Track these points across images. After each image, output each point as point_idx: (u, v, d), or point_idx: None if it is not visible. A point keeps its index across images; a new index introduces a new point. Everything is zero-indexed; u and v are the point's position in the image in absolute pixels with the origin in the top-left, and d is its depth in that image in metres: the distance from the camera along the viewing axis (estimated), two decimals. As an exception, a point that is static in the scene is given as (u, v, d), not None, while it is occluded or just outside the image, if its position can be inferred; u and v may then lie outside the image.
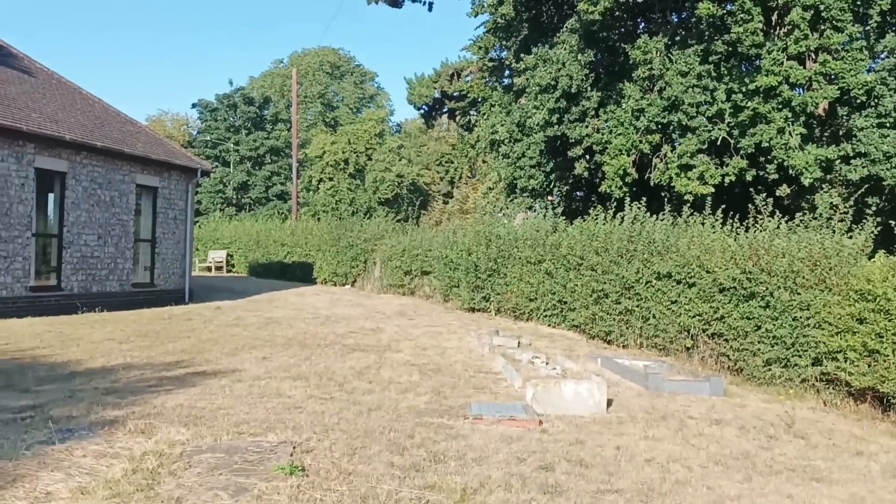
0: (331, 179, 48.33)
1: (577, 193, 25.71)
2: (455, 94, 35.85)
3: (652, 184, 19.91)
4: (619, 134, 19.58)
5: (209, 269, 34.55)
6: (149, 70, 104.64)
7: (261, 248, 32.60)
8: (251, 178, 50.97)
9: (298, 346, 12.67)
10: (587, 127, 20.75)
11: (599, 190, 20.66)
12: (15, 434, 6.27)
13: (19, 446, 5.90)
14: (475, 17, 28.31)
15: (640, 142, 19.33)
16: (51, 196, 17.01)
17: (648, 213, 15.41)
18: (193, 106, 55.45)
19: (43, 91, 18.14)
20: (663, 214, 15.13)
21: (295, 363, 10.86)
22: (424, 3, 34.83)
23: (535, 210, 25.90)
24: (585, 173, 21.84)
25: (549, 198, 25.92)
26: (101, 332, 13.51)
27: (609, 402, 8.70)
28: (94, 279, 17.76)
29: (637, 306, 13.72)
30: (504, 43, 27.79)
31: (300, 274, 28.66)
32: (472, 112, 35.46)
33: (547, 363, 11.03)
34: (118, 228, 18.47)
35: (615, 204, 17.86)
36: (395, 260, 22.94)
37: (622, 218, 15.42)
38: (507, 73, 31.19)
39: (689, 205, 16.32)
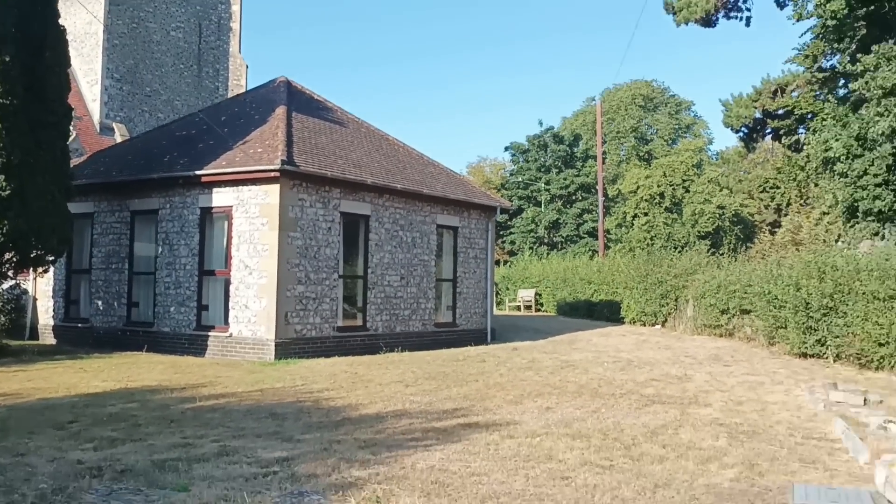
0: (646, 214, 46.29)
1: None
2: (779, 111, 32.17)
3: None
4: None
5: (518, 308, 34.46)
6: (469, 120, 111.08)
7: (567, 286, 31.71)
8: (562, 216, 50.72)
9: (589, 394, 11.31)
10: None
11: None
12: (246, 495, 5.71)
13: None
14: (797, 21, 25.13)
15: None
16: (355, 238, 17.59)
17: None
18: (506, 149, 56.90)
19: (351, 139, 19.02)
20: None
21: (580, 416, 9.53)
22: (741, 20, 31.86)
23: (882, 237, 21.93)
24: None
25: (902, 221, 21.77)
26: (394, 373, 13.33)
27: None
28: (397, 319, 18.01)
29: None
30: (836, 46, 24.26)
31: (607, 313, 27.19)
32: (799, 130, 31.67)
33: (906, 431, 8.44)
34: (420, 269, 18.64)
35: None
36: (709, 297, 20.51)
37: None
38: (840, 81, 27.27)
39: None
